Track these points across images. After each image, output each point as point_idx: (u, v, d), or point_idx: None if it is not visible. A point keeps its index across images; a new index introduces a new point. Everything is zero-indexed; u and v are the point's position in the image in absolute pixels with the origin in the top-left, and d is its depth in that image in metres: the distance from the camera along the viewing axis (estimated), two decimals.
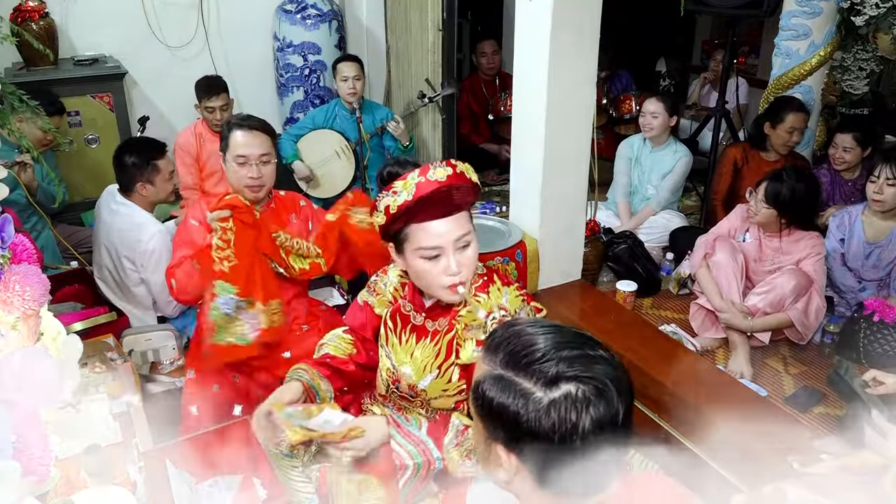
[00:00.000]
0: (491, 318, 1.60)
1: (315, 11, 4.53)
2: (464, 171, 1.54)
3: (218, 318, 2.15)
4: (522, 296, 1.70)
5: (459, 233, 1.55)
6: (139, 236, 2.76)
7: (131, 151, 2.84)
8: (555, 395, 0.91)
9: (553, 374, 0.92)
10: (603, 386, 0.93)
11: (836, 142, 3.48)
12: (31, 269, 1.28)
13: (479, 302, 1.63)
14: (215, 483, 1.76)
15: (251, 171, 2.30)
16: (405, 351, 1.72)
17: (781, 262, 2.98)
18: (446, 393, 1.68)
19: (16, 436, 1.11)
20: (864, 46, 3.48)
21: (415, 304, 1.72)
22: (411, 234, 1.55)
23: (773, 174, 2.96)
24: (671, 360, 2.54)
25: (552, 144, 2.77)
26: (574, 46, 2.65)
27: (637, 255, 3.43)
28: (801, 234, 2.98)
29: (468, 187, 1.55)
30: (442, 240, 1.53)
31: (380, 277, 1.85)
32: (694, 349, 2.95)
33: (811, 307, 2.88)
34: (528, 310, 1.68)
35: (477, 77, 5.10)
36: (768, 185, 2.89)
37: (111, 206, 2.86)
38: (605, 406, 0.92)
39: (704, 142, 4.68)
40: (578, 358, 0.94)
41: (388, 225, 1.57)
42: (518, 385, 0.93)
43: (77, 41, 4.27)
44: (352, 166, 4.02)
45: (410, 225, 1.54)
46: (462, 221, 1.56)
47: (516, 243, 2.86)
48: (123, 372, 2.01)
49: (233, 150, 2.30)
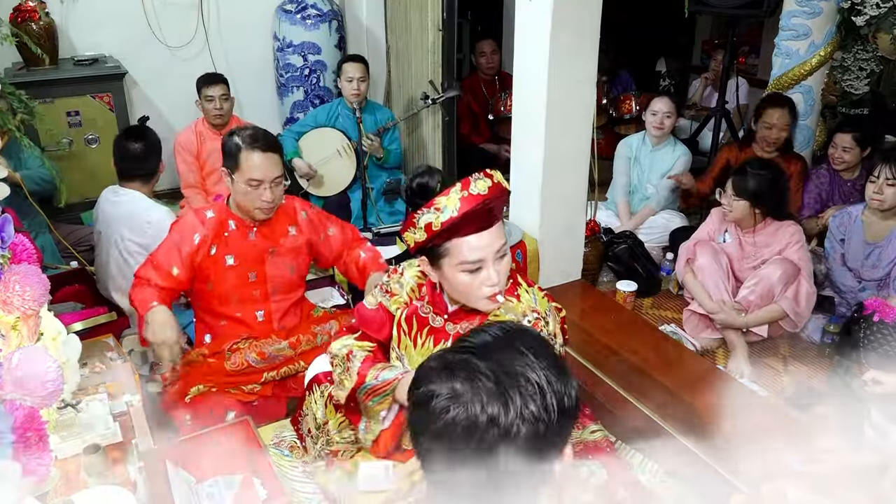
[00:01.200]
0: (526, 320, 1.60)
1: (315, 11, 4.53)
2: (500, 182, 1.54)
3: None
4: (545, 296, 1.71)
5: (499, 244, 1.55)
6: (147, 219, 2.75)
7: (141, 137, 2.83)
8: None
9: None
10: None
11: (835, 142, 3.48)
12: (31, 269, 1.28)
13: (512, 305, 1.63)
14: (215, 483, 1.76)
15: (265, 195, 2.25)
16: (421, 354, 1.71)
17: (764, 256, 3.01)
18: None
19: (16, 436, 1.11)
20: (864, 46, 3.48)
21: (435, 306, 1.71)
22: (452, 249, 1.53)
23: (737, 168, 3.04)
24: (671, 361, 2.54)
25: (552, 144, 2.77)
26: (574, 46, 2.65)
27: (637, 255, 3.43)
28: (778, 225, 3.00)
29: (506, 197, 1.55)
30: (484, 252, 1.53)
31: (393, 278, 1.83)
32: (694, 349, 2.95)
33: (801, 294, 2.90)
34: (553, 311, 1.68)
35: (476, 77, 5.10)
36: (734, 179, 2.96)
37: (111, 199, 2.84)
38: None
39: (704, 142, 4.67)
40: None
41: (427, 241, 1.54)
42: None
43: (77, 41, 4.27)
44: (353, 165, 4.02)
45: (452, 240, 1.53)
46: (500, 232, 1.56)
47: (516, 243, 2.86)
48: (123, 372, 2.01)
49: (245, 173, 2.23)
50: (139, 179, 2.84)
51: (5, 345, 1.22)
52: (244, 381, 2.33)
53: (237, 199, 2.32)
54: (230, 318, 2.44)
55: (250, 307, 2.45)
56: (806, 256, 2.97)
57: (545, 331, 1.59)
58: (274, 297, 2.47)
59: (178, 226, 2.38)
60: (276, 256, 2.43)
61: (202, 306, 2.46)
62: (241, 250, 2.38)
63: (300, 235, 2.47)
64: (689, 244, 3.16)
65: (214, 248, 2.35)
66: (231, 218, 2.38)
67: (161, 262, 2.32)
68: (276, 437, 2.22)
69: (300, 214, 2.49)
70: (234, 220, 2.38)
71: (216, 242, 2.35)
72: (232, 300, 2.42)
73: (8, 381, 1.11)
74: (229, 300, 2.42)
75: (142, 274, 2.33)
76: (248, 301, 2.44)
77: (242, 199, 2.29)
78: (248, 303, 2.44)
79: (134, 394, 1.89)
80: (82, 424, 1.72)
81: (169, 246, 2.33)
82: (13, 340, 1.23)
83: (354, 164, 4.02)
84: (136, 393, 1.90)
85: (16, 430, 1.11)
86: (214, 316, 2.45)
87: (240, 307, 2.43)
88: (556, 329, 1.62)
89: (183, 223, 2.37)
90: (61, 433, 1.67)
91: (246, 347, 2.40)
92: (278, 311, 2.48)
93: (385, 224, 3.84)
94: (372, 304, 1.83)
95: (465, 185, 1.49)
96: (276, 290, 2.47)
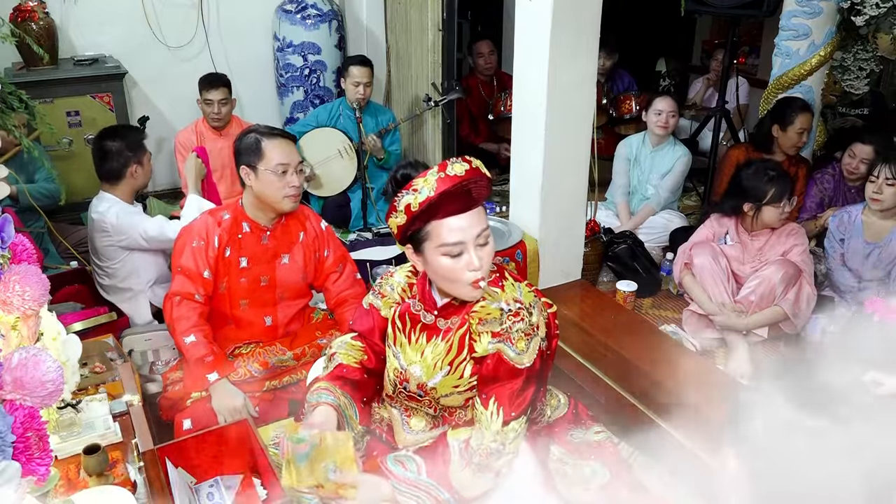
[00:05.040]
0: (507, 309, 1.61)
1: (315, 11, 4.53)
2: (479, 167, 1.56)
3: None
4: (533, 291, 1.71)
5: (480, 227, 1.56)
6: (104, 220, 2.71)
7: (114, 137, 2.76)
8: None
9: None
10: None
11: (854, 151, 3.40)
12: (31, 269, 1.27)
13: (497, 293, 1.64)
14: (215, 483, 1.76)
15: (293, 180, 2.27)
16: (415, 350, 1.72)
17: (766, 258, 3.01)
18: (457, 389, 1.68)
19: (16, 436, 1.11)
20: (864, 46, 3.48)
21: (426, 303, 1.72)
22: (433, 232, 1.55)
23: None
24: (671, 361, 2.54)
25: (552, 144, 2.77)
26: (574, 46, 2.65)
27: (637, 255, 3.43)
28: (782, 226, 3.00)
29: (484, 182, 1.56)
30: (464, 234, 1.54)
31: (385, 280, 1.85)
32: (694, 349, 2.95)
33: (802, 296, 2.90)
34: (540, 305, 1.68)
35: (474, 78, 5.10)
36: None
37: (93, 216, 2.77)
38: None
39: (704, 142, 4.67)
40: None
41: (408, 224, 1.56)
42: None
43: (77, 41, 4.27)
44: (353, 166, 4.03)
45: (431, 222, 1.54)
46: (481, 216, 1.58)
47: (516, 243, 2.86)
48: (123, 372, 2.01)
49: (271, 160, 2.24)
50: (106, 181, 2.78)
51: (5, 345, 1.22)
52: (245, 389, 2.32)
53: (264, 193, 2.29)
54: (238, 321, 2.43)
55: (259, 311, 2.44)
56: (808, 259, 2.97)
57: (527, 321, 1.60)
58: (282, 303, 2.46)
59: (195, 229, 2.35)
60: (287, 262, 2.43)
61: (211, 308, 2.43)
62: (253, 253, 2.38)
63: (307, 241, 2.47)
64: (686, 248, 3.15)
65: (229, 250, 2.35)
66: (245, 220, 2.37)
67: (190, 268, 2.30)
68: (275, 437, 2.22)
69: (310, 222, 2.49)
70: (248, 223, 2.37)
71: (230, 244, 2.35)
72: (242, 303, 2.41)
73: (8, 381, 1.11)
74: (239, 303, 2.41)
75: (176, 290, 2.30)
76: (258, 305, 2.43)
77: (270, 191, 2.27)
78: (257, 307, 2.43)
79: (134, 394, 1.89)
80: (82, 424, 1.73)
81: (193, 250, 2.31)
82: (13, 340, 1.23)
83: (355, 164, 4.02)
84: (136, 393, 1.90)
85: (16, 430, 1.11)
86: (222, 318, 2.43)
87: (249, 311, 2.42)
88: (539, 321, 1.63)
89: (200, 225, 2.35)
90: (61, 433, 1.68)
91: (249, 354, 2.39)
92: (285, 318, 2.48)
93: (385, 224, 3.84)
94: (367, 302, 1.84)
95: (441, 167, 1.53)
96: (285, 295, 2.46)
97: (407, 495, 1.61)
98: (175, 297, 2.30)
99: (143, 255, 2.79)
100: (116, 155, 2.73)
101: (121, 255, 2.77)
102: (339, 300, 2.51)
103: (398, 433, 1.82)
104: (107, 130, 2.87)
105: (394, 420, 1.83)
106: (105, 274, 2.83)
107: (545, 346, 1.65)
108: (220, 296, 2.39)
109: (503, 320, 1.60)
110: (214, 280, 2.35)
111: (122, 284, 2.82)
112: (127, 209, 2.75)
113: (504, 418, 1.59)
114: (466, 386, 1.67)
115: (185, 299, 2.29)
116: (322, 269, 2.51)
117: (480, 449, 1.60)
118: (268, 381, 2.38)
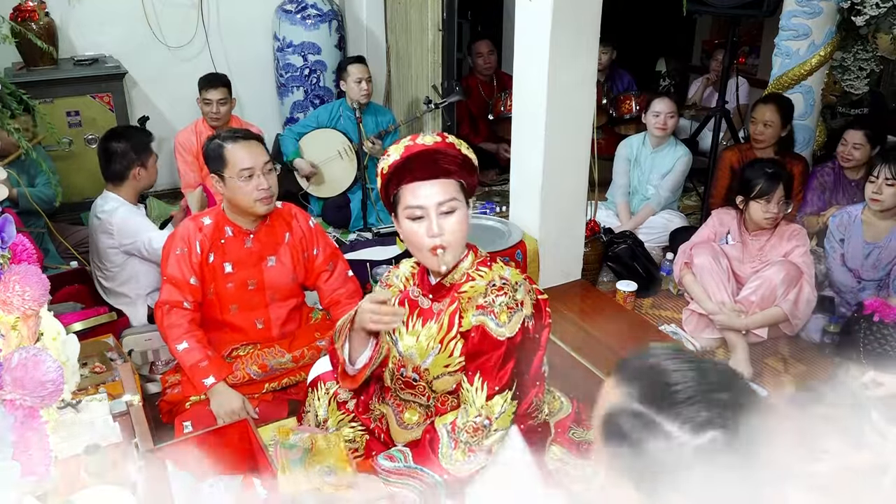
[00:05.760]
0: (493, 285, 1.64)
1: (315, 11, 4.53)
2: (454, 143, 1.64)
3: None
4: (525, 277, 1.73)
5: (443, 197, 1.61)
6: (110, 219, 2.71)
7: (120, 139, 2.78)
8: (700, 441, 0.88)
9: (703, 420, 0.89)
10: (740, 432, 0.90)
11: (846, 138, 3.43)
12: (31, 269, 1.28)
13: (482, 275, 1.69)
14: (215, 483, 1.76)
15: (261, 183, 2.22)
16: (411, 335, 1.76)
17: (767, 258, 3.00)
18: (448, 369, 1.71)
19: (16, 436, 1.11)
20: (864, 46, 3.48)
21: (422, 287, 1.76)
22: (401, 195, 1.63)
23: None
24: None
25: (552, 144, 2.77)
26: (574, 46, 2.65)
27: (637, 255, 3.43)
28: (784, 227, 3.00)
29: (455, 156, 1.62)
30: (427, 200, 1.60)
31: (392, 272, 1.89)
32: (694, 349, 2.95)
33: (802, 297, 2.90)
34: (527, 286, 1.70)
35: (473, 78, 5.09)
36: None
37: (98, 216, 2.77)
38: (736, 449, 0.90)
39: (704, 142, 4.67)
40: (728, 404, 0.91)
41: (384, 187, 1.66)
42: (660, 426, 0.90)
43: (77, 41, 4.27)
44: (353, 167, 4.02)
45: (401, 187, 1.63)
46: (448, 187, 1.62)
47: (516, 243, 2.86)
48: (123, 372, 2.01)
49: (235, 165, 2.21)
50: (110, 182, 2.80)
51: (5, 345, 1.22)
52: (245, 392, 2.32)
53: (235, 199, 2.27)
54: (229, 326, 2.42)
55: (249, 315, 2.42)
56: (809, 260, 2.96)
57: (510, 295, 1.63)
58: (273, 305, 2.44)
59: (178, 237, 2.32)
60: (274, 263, 2.40)
61: (202, 314, 2.42)
62: (238, 258, 2.36)
63: (294, 241, 2.43)
64: (686, 248, 3.14)
65: (212, 256, 2.33)
66: (228, 224, 2.35)
67: (176, 277, 2.29)
68: (275, 436, 2.22)
69: (296, 221, 2.45)
70: (230, 227, 2.35)
71: (214, 250, 2.33)
72: (232, 308, 2.40)
73: (8, 381, 1.11)
74: (229, 308, 2.39)
75: (164, 299, 2.29)
76: (247, 309, 2.41)
77: (240, 197, 2.25)
78: (247, 310, 2.41)
79: (134, 394, 1.89)
80: (82, 424, 1.72)
81: (177, 258, 2.29)
82: (13, 340, 1.23)
83: (355, 165, 4.02)
84: (136, 393, 1.90)
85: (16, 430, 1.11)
86: (215, 323, 2.41)
87: (239, 315, 2.41)
88: (525, 299, 1.66)
89: (182, 233, 2.33)
90: (61, 433, 1.67)
91: (247, 356, 2.38)
92: (278, 319, 2.46)
93: (385, 224, 3.84)
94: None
95: (413, 137, 1.63)
96: (275, 297, 2.44)
97: (398, 485, 1.64)
98: (164, 306, 2.29)
99: (143, 263, 2.79)
100: (121, 156, 2.75)
101: (121, 259, 2.77)
102: (332, 300, 2.50)
103: (393, 429, 1.85)
104: (114, 131, 2.91)
105: (388, 417, 1.86)
106: (105, 276, 2.83)
107: (531, 325, 1.67)
108: (209, 302, 2.37)
109: (487, 293, 1.64)
110: (202, 286, 2.33)
111: (120, 289, 2.82)
112: (132, 210, 2.76)
113: (488, 392, 1.63)
114: (457, 366, 1.70)
115: (174, 307, 2.28)
116: (312, 269, 2.48)
117: (467, 426, 1.63)
118: (267, 384, 2.37)
